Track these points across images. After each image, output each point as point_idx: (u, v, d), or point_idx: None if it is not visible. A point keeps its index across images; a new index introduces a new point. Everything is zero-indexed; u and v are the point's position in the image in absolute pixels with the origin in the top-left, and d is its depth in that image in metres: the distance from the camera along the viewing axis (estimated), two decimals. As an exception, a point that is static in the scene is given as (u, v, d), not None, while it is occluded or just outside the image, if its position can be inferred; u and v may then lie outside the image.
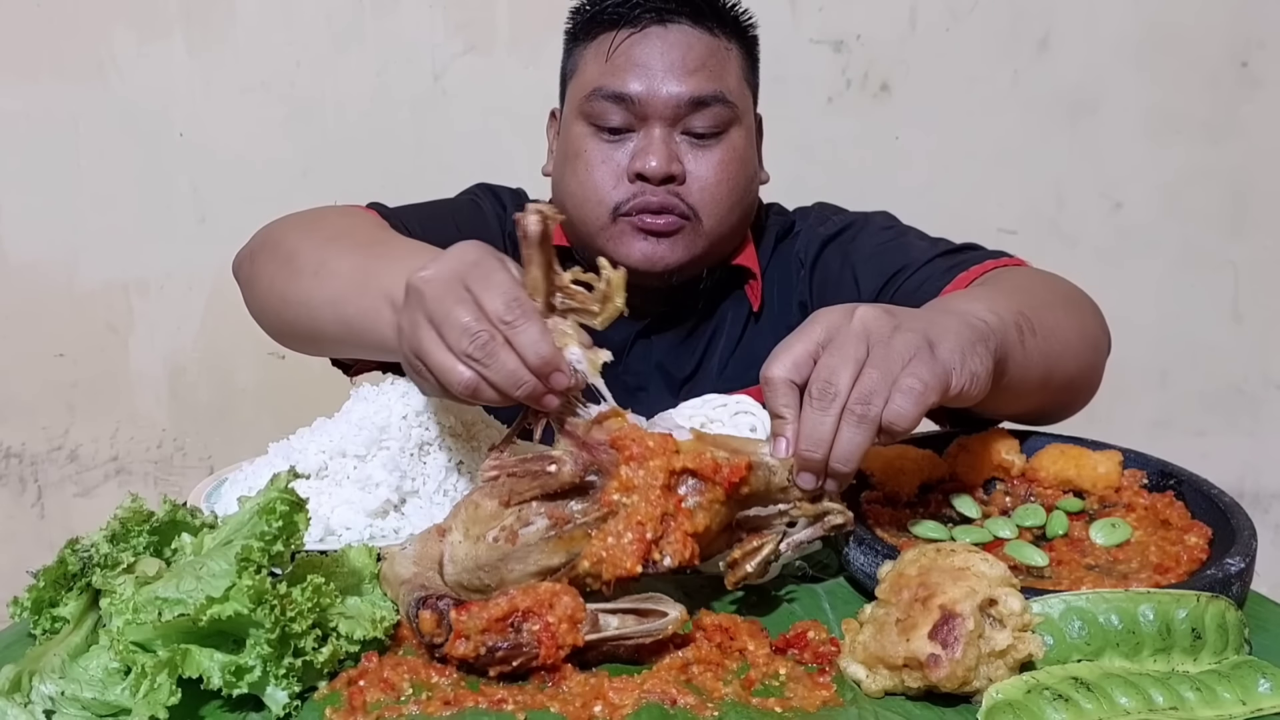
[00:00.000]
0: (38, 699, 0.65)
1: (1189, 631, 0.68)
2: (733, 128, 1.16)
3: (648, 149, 1.12)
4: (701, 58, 1.14)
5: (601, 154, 1.15)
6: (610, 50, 1.15)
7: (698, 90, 1.13)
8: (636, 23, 1.14)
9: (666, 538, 0.71)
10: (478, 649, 0.68)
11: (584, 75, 1.18)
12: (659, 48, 1.13)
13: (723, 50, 1.16)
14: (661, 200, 1.13)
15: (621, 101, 1.13)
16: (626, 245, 1.15)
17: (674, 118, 1.13)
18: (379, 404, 0.95)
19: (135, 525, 0.76)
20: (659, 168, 1.11)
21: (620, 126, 1.14)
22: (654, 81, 1.12)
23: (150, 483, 2.04)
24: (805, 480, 0.75)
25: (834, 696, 0.67)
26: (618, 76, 1.13)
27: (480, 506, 0.75)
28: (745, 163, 1.18)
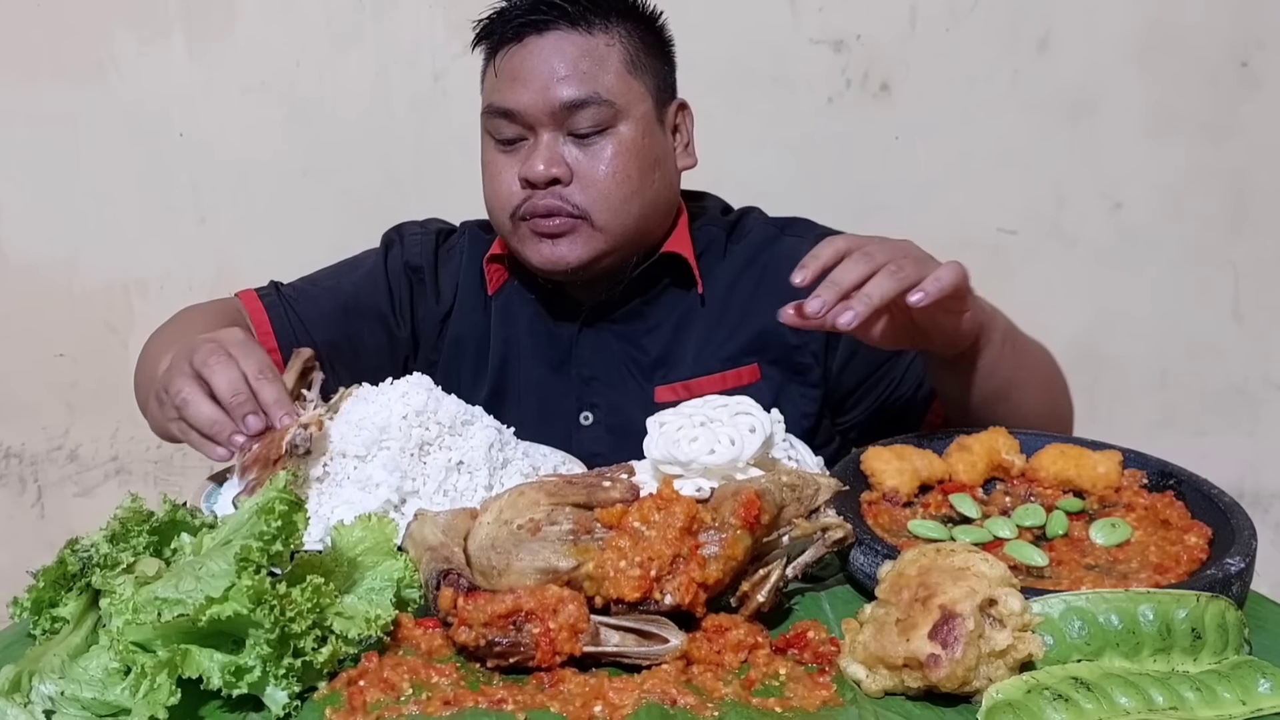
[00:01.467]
0: (38, 699, 0.65)
1: (1189, 631, 0.68)
2: (619, 123, 1.19)
3: (531, 156, 1.19)
4: (574, 60, 1.18)
5: (500, 164, 1.22)
6: (497, 67, 1.21)
7: (571, 94, 1.17)
8: (519, 36, 1.20)
9: (673, 578, 0.72)
10: (478, 640, 0.69)
11: (484, 91, 1.25)
12: (536, 58, 1.18)
13: (600, 48, 1.19)
14: (548, 204, 1.18)
15: (508, 115, 1.19)
16: (529, 248, 1.22)
17: (556, 122, 1.18)
18: (379, 404, 0.95)
19: (135, 525, 0.76)
20: (540, 172, 1.17)
21: (512, 137, 1.20)
22: (531, 92, 1.18)
23: (150, 483, 2.04)
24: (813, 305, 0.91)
25: (834, 696, 0.67)
26: (502, 91, 1.20)
27: (524, 495, 0.77)
28: (638, 153, 1.21)
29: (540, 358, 1.31)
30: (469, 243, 1.38)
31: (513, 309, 1.33)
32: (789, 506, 0.78)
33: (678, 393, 1.25)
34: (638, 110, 1.21)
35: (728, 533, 0.73)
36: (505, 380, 1.32)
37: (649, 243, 1.27)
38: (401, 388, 0.97)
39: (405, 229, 1.40)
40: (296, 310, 1.30)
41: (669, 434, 0.88)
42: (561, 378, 1.30)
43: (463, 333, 1.34)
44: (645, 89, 1.23)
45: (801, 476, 0.80)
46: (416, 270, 1.36)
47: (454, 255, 1.38)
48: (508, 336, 1.32)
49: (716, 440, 0.87)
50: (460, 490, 0.93)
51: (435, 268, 1.37)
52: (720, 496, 0.77)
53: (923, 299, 0.92)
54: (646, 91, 1.23)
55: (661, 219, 1.28)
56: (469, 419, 0.98)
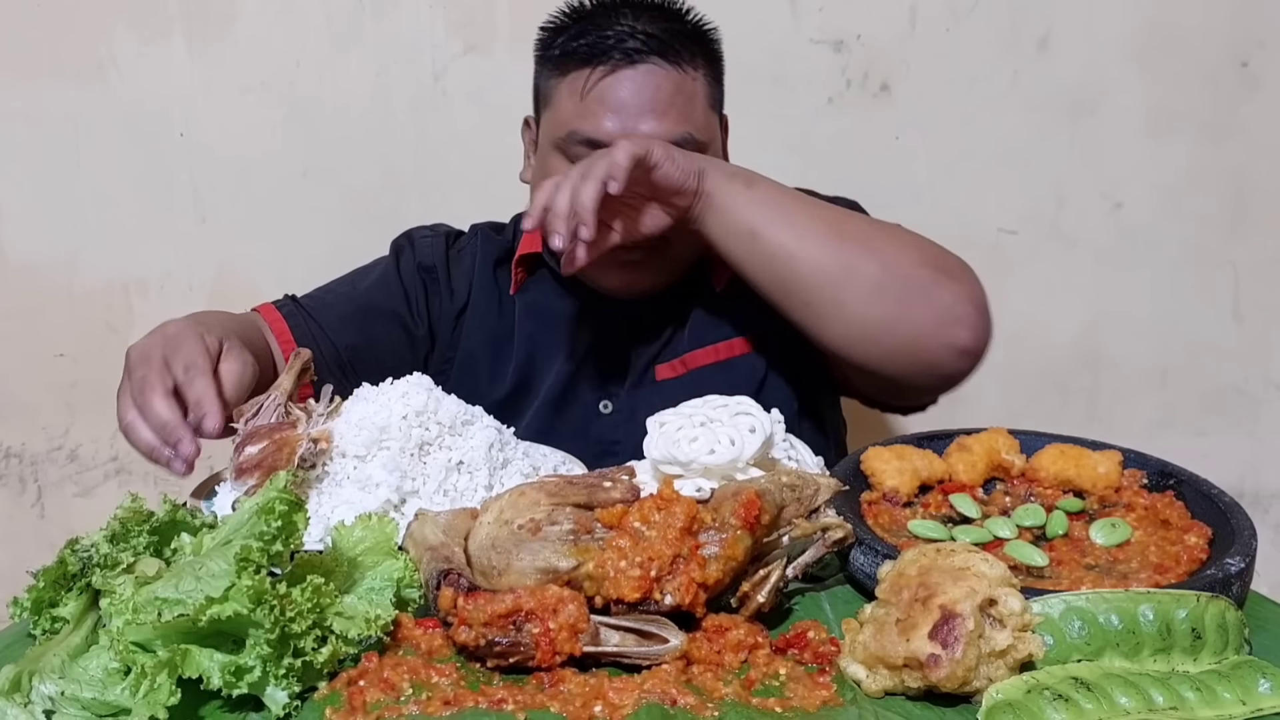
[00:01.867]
0: (38, 699, 0.65)
1: (1189, 631, 0.68)
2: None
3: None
4: (670, 97, 1.17)
5: None
6: (584, 91, 1.18)
7: (669, 133, 1.16)
8: (606, 62, 1.17)
9: (673, 579, 0.72)
10: (478, 639, 0.69)
11: (559, 111, 1.22)
12: (630, 89, 1.17)
13: (690, 85, 1.19)
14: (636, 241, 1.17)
15: (595, 145, 1.16)
16: (605, 273, 1.23)
17: None
18: (379, 404, 0.95)
19: (135, 525, 0.76)
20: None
21: None
22: (626, 125, 1.16)
23: (150, 483, 2.03)
24: (555, 242, 0.98)
25: (834, 696, 0.67)
26: (591, 120, 1.17)
27: (525, 495, 0.77)
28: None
29: (567, 353, 1.32)
30: (481, 243, 1.39)
31: (541, 306, 1.34)
32: (789, 507, 0.78)
33: (675, 369, 1.27)
34: (714, 146, 1.24)
35: (728, 533, 0.73)
36: (530, 376, 1.33)
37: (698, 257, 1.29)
38: (401, 388, 0.97)
39: (415, 233, 1.41)
40: (315, 318, 1.30)
41: (669, 434, 0.88)
42: (586, 370, 1.31)
43: (478, 331, 1.35)
44: (719, 122, 1.26)
45: (801, 476, 0.80)
46: (429, 270, 1.37)
47: (465, 255, 1.39)
48: (533, 333, 1.33)
49: (716, 440, 0.87)
50: (460, 490, 0.93)
51: (447, 267, 1.38)
52: (720, 497, 0.77)
53: (615, 186, 0.99)
54: (719, 124, 1.26)
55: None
56: (469, 419, 0.98)
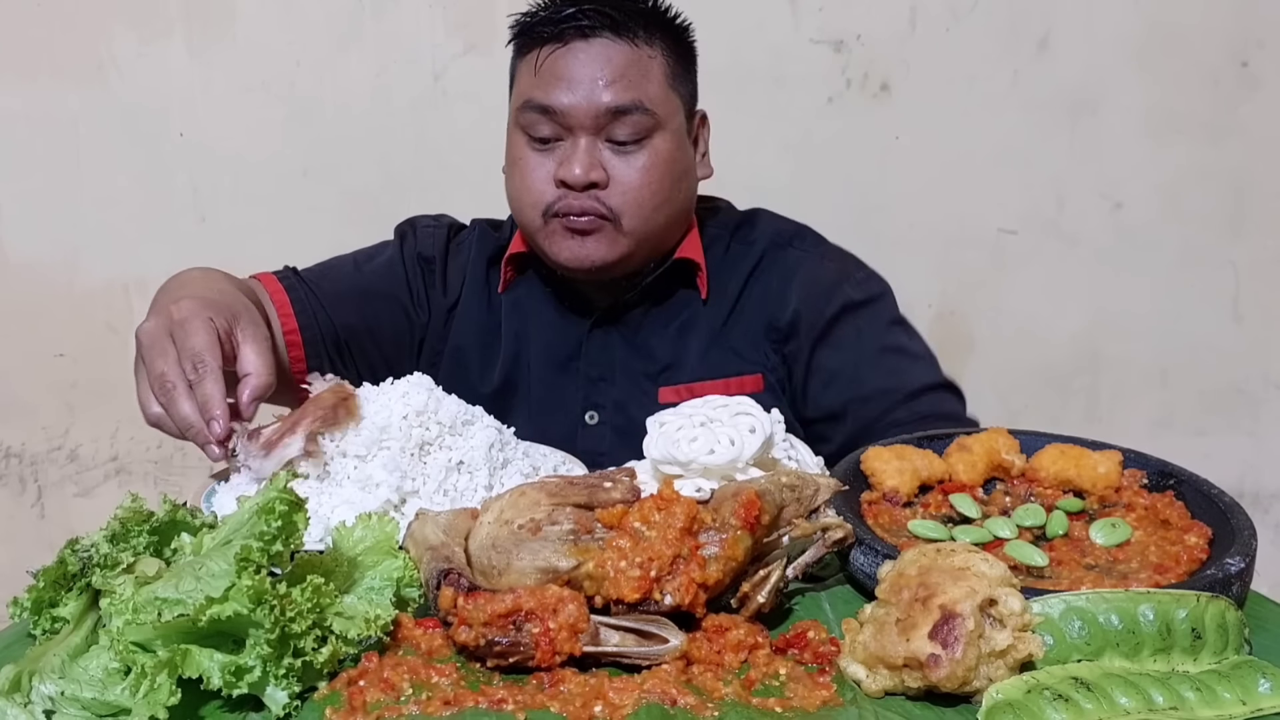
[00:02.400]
0: (38, 699, 0.65)
1: (1189, 631, 0.68)
2: (656, 134, 1.22)
3: (571, 158, 1.20)
4: (621, 69, 1.20)
5: (534, 161, 1.23)
6: (537, 64, 1.22)
7: (616, 100, 1.19)
8: (561, 38, 1.21)
9: (673, 579, 0.72)
10: (478, 639, 0.69)
11: (518, 86, 1.26)
12: (581, 60, 1.20)
13: (645, 60, 1.22)
14: (583, 204, 1.20)
15: (548, 113, 1.21)
16: (556, 245, 1.24)
17: (596, 127, 1.20)
18: (379, 404, 0.95)
19: (135, 525, 0.76)
20: (579, 176, 1.19)
21: (549, 136, 1.22)
22: (576, 94, 1.20)
23: (150, 483, 2.03)
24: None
25: (834, 696, 0.67)
26: (544, 89, 1.21)
27: (526, 495, 0.77)
28: (670, 164, 1.24)
29: (549, 355, 1.33)
30: (477, 239, 1.40)
31: (525, 306, 1.35)
32: (789, 507, 0.78)
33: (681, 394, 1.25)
34: (673, 123, 1.25)
35: (728, 533, 0.73)
36: (515, 375, 1.34)
37: (664, 249, 1.30)
38: (402, 388, 0.97)
39: (418, 221, 1.43)
40: (316, 292, 1.31)
41: (669, 434, 0.88)
42: (569, 376, 1.33)
43: (468, 327, 1.36)
44: (680, 102, 1.26)
45: (801, 477, 0.80)
46: (428, 261, 1.38)
47: (463, 250, 1.40)
48: (519, 332, 1.34)
49: (716, 440, 0.87)
50: (460, 490, 0.93)
51: (445, 260, 1.39)
52: (720, 497, 0.77)
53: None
54: (680, 104, 1.27)
55: (680, 227, 1.31)
56: (469, 419, 0.98)
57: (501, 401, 1.32)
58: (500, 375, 1.34)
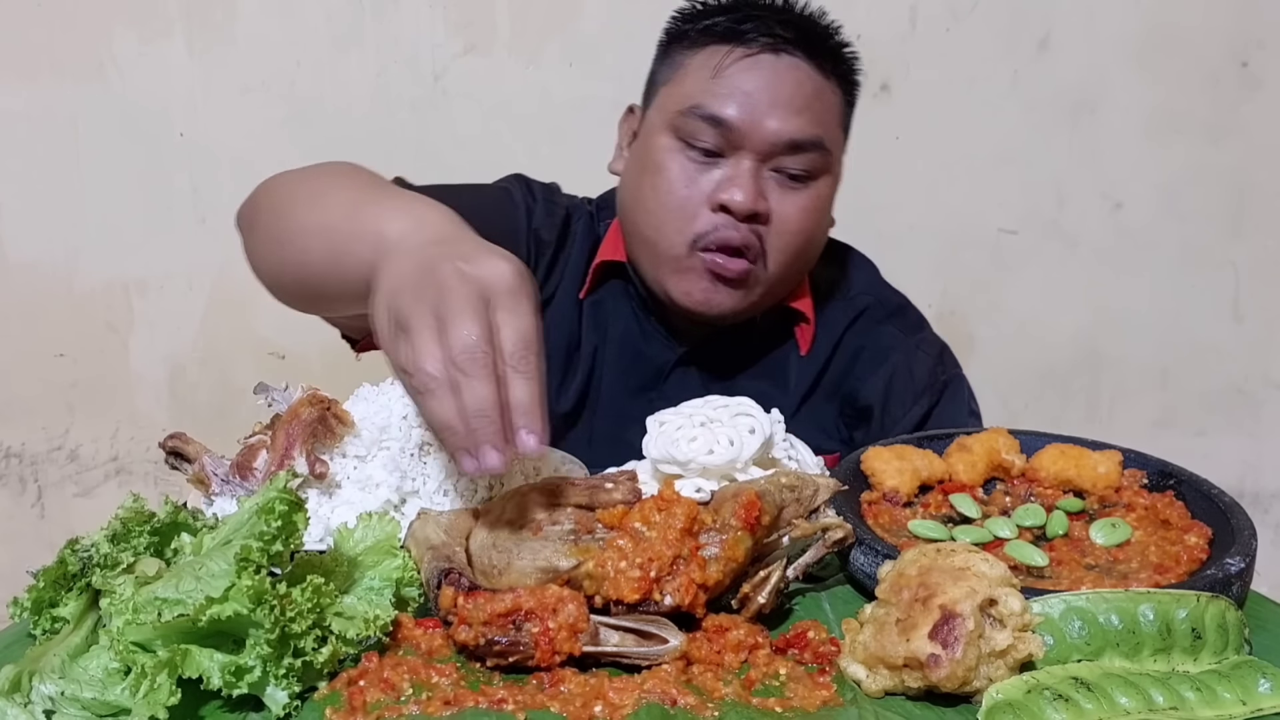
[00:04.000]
0: (38, 699, 0.65)
1: (1189, 631, 0.68)
2: (823, 175, 1.11)
3: (736, 180, 1.06)
4: (808, 97, 1.08)
5: (686, 174, 1.09)
6: (717, 68, 1.08)
7: (800, 132, 1.07)
8: (749, 45, 1.07)
9: (673, 579, 0.72)
10: (478, 638, 0.69)
11: (682, 86, 1.11)
12: (768, 77, 1.07)
13: (828, 92, 1.11)
14: (743, 237, 1.07)
15: (718, 125, 1.07)
16: (689, 282, 1.10)
17: (767, 153, 1.07)
18: (379, 404, 0.95)
19: (136, 525, 0.76)
20: (746, 202, 1.05)
21: (710, 149, 1.08)
22: (757, 112, 1.06)
23: (150, 483, 2.04)
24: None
25: (834, 696, 0.67)
26: (719, 98, 1.07)
27: (527, 496, 0.77)
28: (825, 211, 1.14)
29: (625, 381, 1.20)
30: (583, 230, 1.24)
31: (605, 318, 1.21)
32: (789, 507, 0.78)
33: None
34: (836, 168, 1.14)
35: (728, 534, 0.73)
36: (590, 392, 1.21)
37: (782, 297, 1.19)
38: (402, 388, 0.97)
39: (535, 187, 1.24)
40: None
41: (668, 433, 0.88)
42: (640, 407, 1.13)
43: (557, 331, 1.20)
44: (843, 145, 1.16)
45: (801, 477, 0.80)
46: (543, 245, 1.21)
47: (570, 239, 1.23)
48: (597, 347, 1.21)
49: (716, 440, 0.87)
50: (460, 490, 0.93)
51: (557, 247, 1.22)
52: (721, 498, 0.77)
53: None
54: (844, 149, 1.16)
55: (797, 280, 1.20)
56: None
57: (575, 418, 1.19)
58: (577, 392, 1.19)
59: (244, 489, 0.87)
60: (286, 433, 0.87)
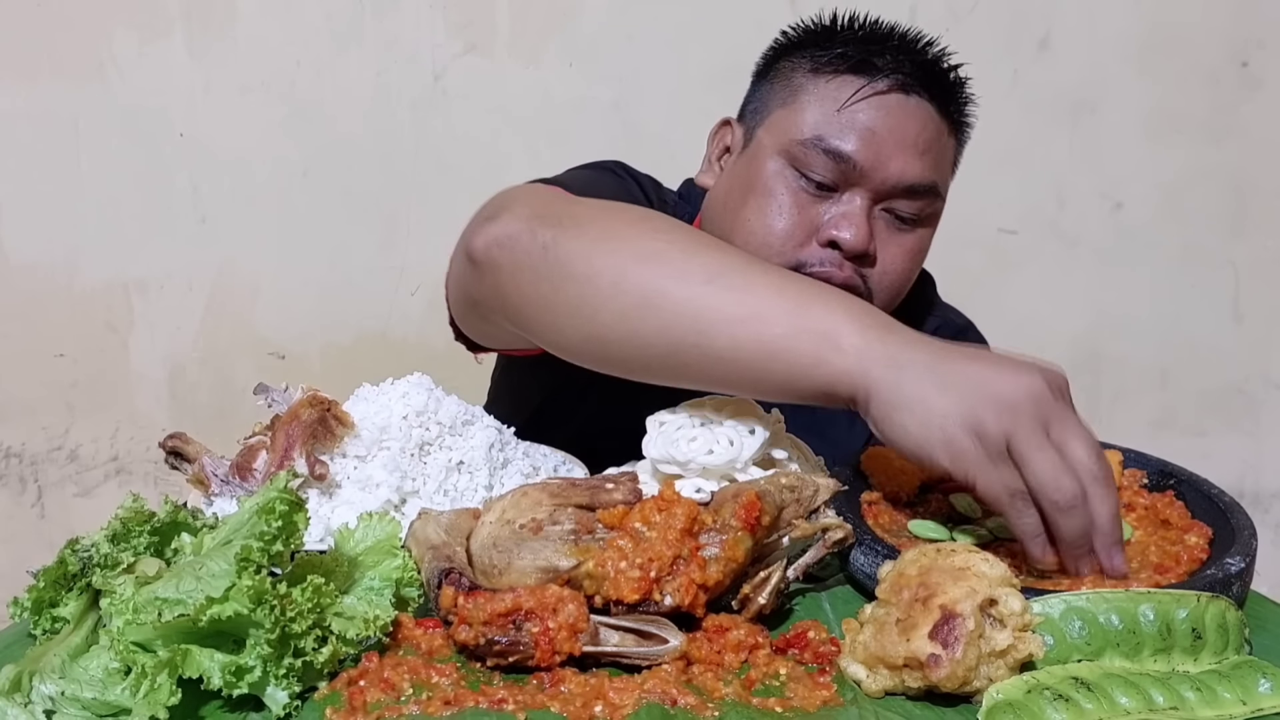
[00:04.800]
0: (38, 699, 0.65)
1: (1189, 631, 0.68)
2: (929, 222, 1.10)
3: (849, 218, 1.04)
4: (930, 141, 1.06)
5: (798, 203, 1.06)
6: (846, 101, 1.05)
7: (920, 177, 1.05)
8: (880, 81, 1.05)
9: (673, 579, 0.72)
10: (477, 638, 0.69)
11: (804, 113, 1.07)
12: (896, 118, 1.05)
13: (945, 137, 1.09)
14: (846, 277, 1.04)
15: (840, 160, 1.04)
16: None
17: (883, 194, 1.05)
18: (379, 404, 0.95)
19: (136, 525, 0.76)
20: (857, 243, 1.03)
21: (824, 182, 1.05)
22: (881, 153, 1.04)
23: (150, 483, 2.04)
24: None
25: (834, 696, 0.67)
26: (844, 133, 1.04)
27: (528, 495, 0.77)
28: (923, 257, 1.13)
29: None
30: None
31: None
32: (789, 508, 0.78)
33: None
34: (939, 216, 1.12)
35: (728, 534, 0.73)
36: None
37: None
38: (402, 388, 0.97)
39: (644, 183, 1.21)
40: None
41: (668, 433, 0.88)
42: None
43: None
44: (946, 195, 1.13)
45: (800, 478, 0.80)
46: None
47: None
48: None
49: (715, 440, 0.87)
50: (460, 490, 0.93)
51: None
52: (721, 498, 0.77)
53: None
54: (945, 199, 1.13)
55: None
56: (469, 419, 0.98)
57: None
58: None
59: (244, 489, 0.87)
60: (286, 434, 0.87)
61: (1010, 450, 0.72)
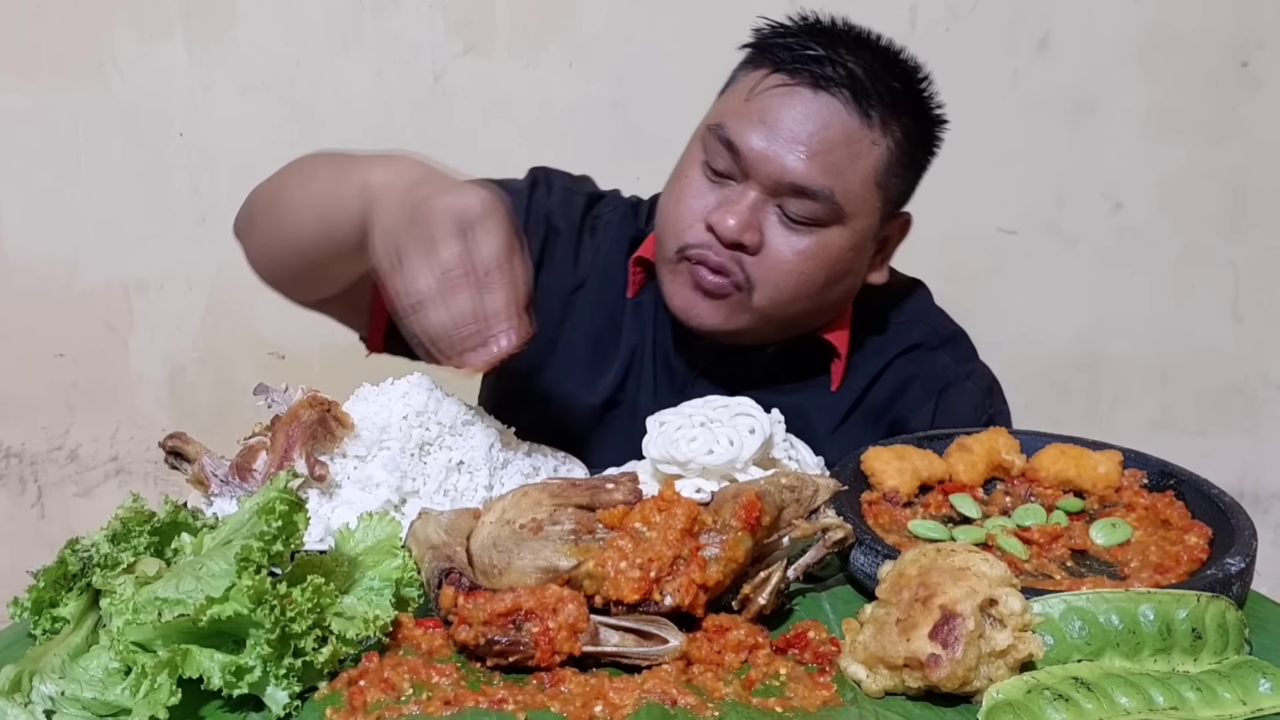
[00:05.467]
0: (38, 699, 0.65)
1: (1189, 631, 0.68)
2: (833, 226, 1.06)
3: (730, 207, 1.05)
4: (830, 143, 1.03)
5: (697, 188, 1.09)
6: (753, 90, 1.06)
7: (806, 180, 1.03)
8: (793, 73, 1.04)
9: (673, 579, 0.72)
10: (478, 638, 0.69)
11: (725, 99, 1.11)
12: (796, 113, 1.03)
13: (865, 143, 1.05)
14: (720, 262, 1.06)
15: (731, 151, 1.05)
16: (674, 288, 1.11)
17: (773, 190, 1.05)
18: (379, 404, 0.95)
19: (136, 525, 0.76)
20: (731, 232, 1.04)
21: (723, 172, 1.07)
22: (772, 146, 1.03)
23: (150, 483, 2.04)
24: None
25: (834, 696, 0.67)
26: (743, 124, 1.05)
27: (528, 495, 0.77)
28: (834, 262, 1.08)
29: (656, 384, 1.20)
30: (619, 221, 1.23)
31: (647, 319, 1.20)
32: (789, 508, 0.78)
33: None
34: (860, 222, 1.08)
35: (729, 535, 0.73)
36: (623, 395, 1.20)
37: (799, 331, 1.16)
38: (402, 388, 0.97)
39: (555, 178, 1.25)
40: None
41: (668, 433, 0.88)
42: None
43: (589, 321, 1.20)
44: (880, 202, 1.09)
45: (800, 478, 0.80)
46: (555, 231, 1.21)
47: (600, 228, 1.22)
48: (637, 347, 1.20)
49: (715, 441, 0.87)
50: (461, 490, 0.93)
51: (578, 234, 1.22)
52: (721, 498, 0.77)
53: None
54: (880, 206, 1.09)
55: (821, 319, 1.16)
56: (469, 419, 0.98)
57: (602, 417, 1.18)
58: (608, 390, 1.18)
59: (243, 490, 0.87)
60: (286, 434, 0.87)
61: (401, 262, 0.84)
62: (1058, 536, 0.84)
